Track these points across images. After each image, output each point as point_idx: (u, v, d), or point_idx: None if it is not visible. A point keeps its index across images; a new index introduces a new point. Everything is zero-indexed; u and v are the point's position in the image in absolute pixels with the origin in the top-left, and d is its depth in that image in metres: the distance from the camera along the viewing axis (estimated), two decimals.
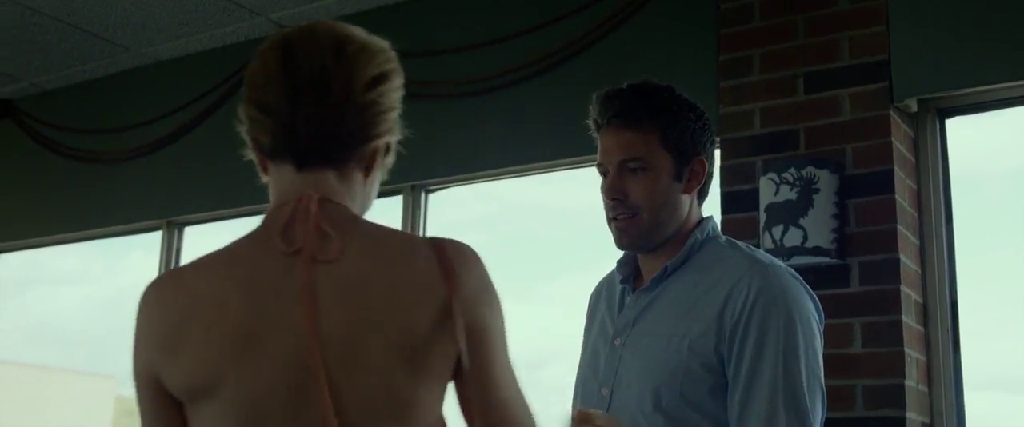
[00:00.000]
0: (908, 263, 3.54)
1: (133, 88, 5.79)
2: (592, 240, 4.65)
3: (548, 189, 4.85)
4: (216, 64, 5.41)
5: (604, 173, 2.32)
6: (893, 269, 3.47)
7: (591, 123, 2.35)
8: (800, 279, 2.23)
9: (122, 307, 6.36)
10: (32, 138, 6.14)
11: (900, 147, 3.62)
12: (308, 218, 1.61)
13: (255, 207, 4.84)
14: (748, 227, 3.69)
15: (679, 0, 4.28)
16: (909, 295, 3.51)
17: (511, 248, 5.27)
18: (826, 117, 3.69)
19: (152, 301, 1.62)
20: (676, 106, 2.30)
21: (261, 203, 1.72)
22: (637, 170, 2.26)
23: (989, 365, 3.70)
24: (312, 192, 1.64)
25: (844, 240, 3.55)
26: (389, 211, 4.86)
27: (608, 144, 2.30)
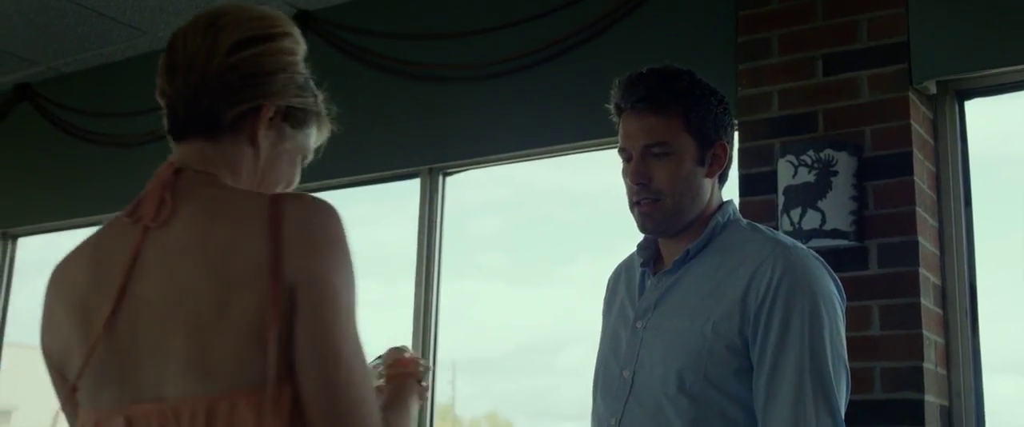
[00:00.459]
0: (927, 245, 3.53)
1: (150, 71, 5.71)
2: (609, 223, 4.66)
3: (566, 172, 4.85)
4: None
5: (627, 158, 2.31)
6: (912, 251, 3.46)
7: (612, 107, 2.35)
8: (822, 261, 2.23)
9: None
10: (50, 122, 6.16)
11: (919, 129, 3.61)
12: (155, 187, 1.64)
13: None
14: (766, 210, 3.68)
15: None
16: (927, 277, 3.50)
17: (528, 231, 5.28)
18: (845, 99, 3.68)
19: (46, 286, 1.72)
20: (698, 90, 2.30)
21: None
22: (660, 155, 2.26)
23: (1008, 347, 3.69)
24: (173, 161, 1.68)
25: (862, 222, 3.54)
26: (407, 194, 4.87)
27: (631, 129, 2.30)
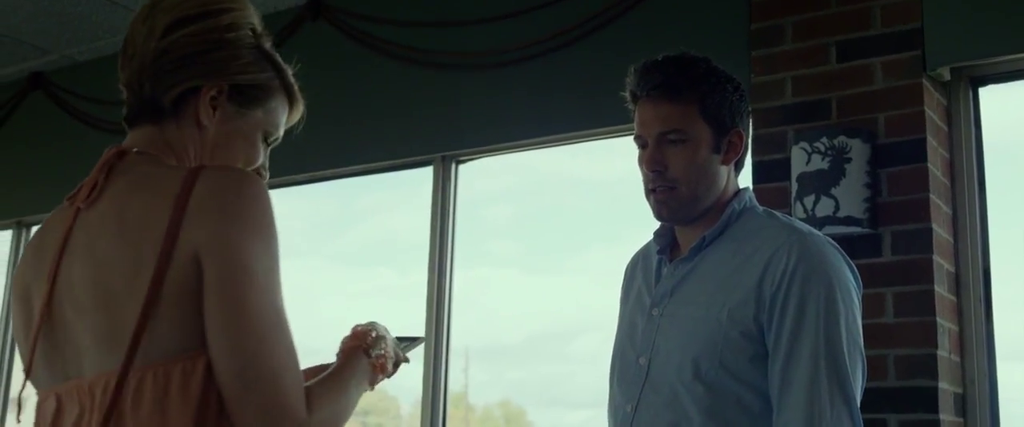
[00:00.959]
0: (940, 232, 3.52)
1: None
2: (622, 211, 4.66)
3: (578, 160, 4.84)
4: None
5: (642, 145, 2.32)
6: (925, 238, 3.46)
7: (628, 95, 2.35)
8: (838, 248, 2.23)
9: None
10: (64, 110, 6.18)
11: (933, 116, 3.60)
12: (95, 170, 1.66)
13: (284, 178, 4.86)
14: (779, 197, 3.68)
15: None
16: (941, 264, 3.49)
17: (541, 219, 5.27)
18: (858, 86, 3.67)
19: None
20: (714, 77, 2.30)
21: (287, 174, 1.74)
22: (676, 142, 2.26)
23: (1022, 335, 3.68)
24: (115, 146, 1.69)
25: (876, 209, 3.53)
26: (420, 182, 4.87)
27: (646, 116, 2.30)
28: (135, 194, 1.58)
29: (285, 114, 1.81)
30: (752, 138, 3.78)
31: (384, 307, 5.30)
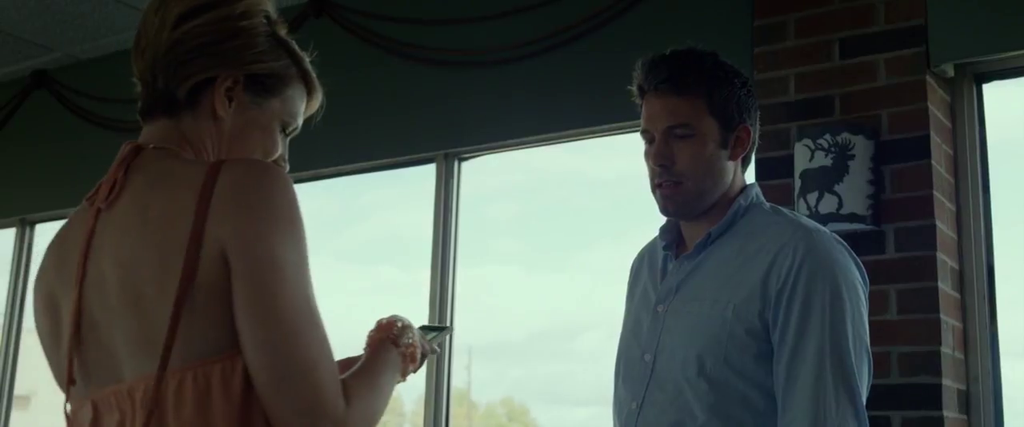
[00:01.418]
0: (944, 229, 3.51)
1: None
2: (625, 209, 4.65)
3: (581, 157, 4.84)
4: None
5: (649, 140, 2.30)
6: (929, 235, 3.45)
7: (634, 89, 2.33)
8: (845, 244, 2.22)
9: None
10: (67, 108, 6.18)
11: (936, 112, 3.59)
12: (112, 168, 1.63)
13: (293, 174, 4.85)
14: (783, 194, 3.67)
15: None
16: (945, 261, 3.49)
17: (544, 217, 5.27)
18: (862, 82, 3.66)
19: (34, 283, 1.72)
20: (722, 72, 2.29)
21: (289, 171, 1.72)
22: (683, 137, 2.24)
23: None
24: (131, 142, 1.66)
25: (879, 206, 3.52)
26: (423, 180, 4.87)
27: (654, 110, 2.28)
28: (157, 190, 1.55)
29: (303, 103, 1.77)
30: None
31: (387, 305, 5.29)
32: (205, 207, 1.47)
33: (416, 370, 1.80)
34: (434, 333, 1.93)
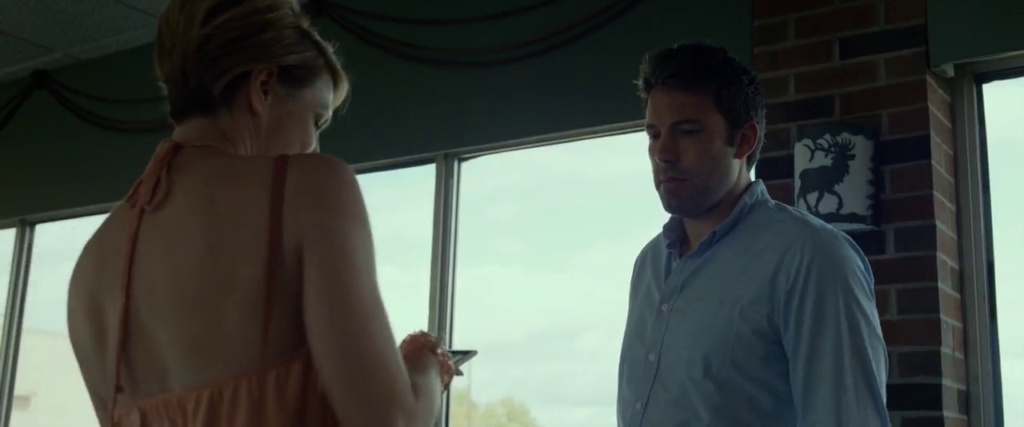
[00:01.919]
0: (944, 229, 3.51)
1: None
2: (626, 208, 4.65)
3: (581, 157, 4.84)
4: None
5: (655, 135, 2.27)
6: (929, 235, 3.45)
7: (641, 83, 2.30)
8: (850, 240, 2.21)
9: None
10: (67, 108, 6.18)
11: (936, 112, 3.59)
12: (152, 167, 1.60)
13: None
14: (783, 194, 3.67)
15: None
16: (945, 261, 3.49)
17: (544, 217, 5.27)
18: (862, 82, 3.66)
19: (69, 282, 1.68)
20: (731, 69, 2.26)
21: None
22: (689, 132, 2.21)
23: None
24: (168, 141, 1.63)
25: (880, 206, 3.52)
26: (423, 180, 4.87)
27: (660, 105, 2.25)
28: (220, 190, 1.50)
29: (331, 93, 1.77)
30: None
31: (386, 305, 5.30)
32: (279, 204, 1.45)
33: (445, 386, 1.79)
34: (460, 356, 1.93)
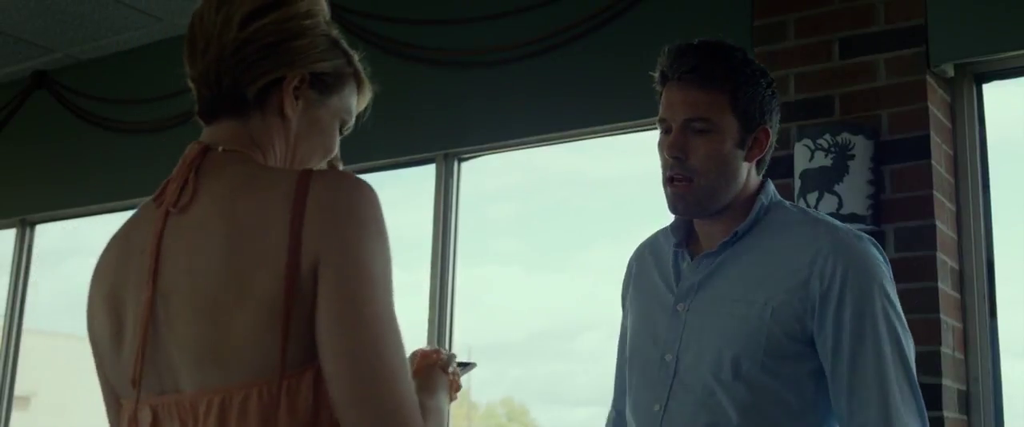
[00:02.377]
0: (944, 229, 3.51)
1: (167, 58, 5.78)
2: (625, 209, 4.65)
3: (581, 157, 4.84)
4: None
5: (666, 130, 2.23)
6: (929, 235, 3.45)
7: (657, 76, 2.26)
8: (871, 238, 2.20)
9: None
10: (67, 109, 6.18)
11: (936, 112, 3.59)
12: (180, 169, 1.61)
13: None
14: (783, 194, 3.62)
15: None
16: (945, 261, 3.49)
17: (544, 217, 5.27)
18: (861, 82, 3.66)
19: (91, 276, 1.69)
20: (749, 69, 2.22)
21: None
22: (701, 131, 2.17)
23: None
24: (201, 141, 1.64)
25: (879, 206, 3.52)
26: (422, 180, 4.87)
27: (674, 99, 2.21)
28: (241, 199, 1.52)
29: (355, 100, 1.79)
30: None
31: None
32: (300, 218, 1.47)
33: (451, 402, 1.80)
34: (462, 367, 1.93)
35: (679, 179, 2.20)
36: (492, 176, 5.11)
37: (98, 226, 6.43)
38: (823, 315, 2.10)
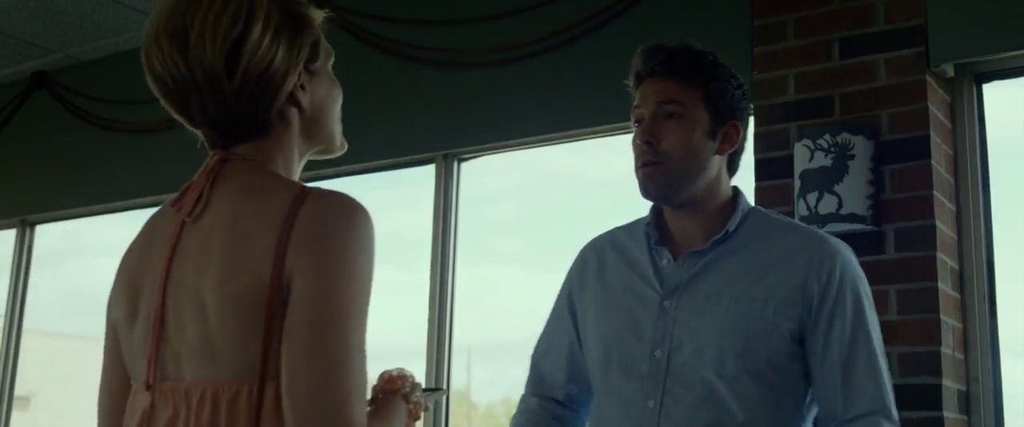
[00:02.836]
0: (944, 229, 3.51)
1: None
2: (625, 209, 4.63)
3: (581, 158, 4.84)
4: None
5: (638, 120, 2.31)
6: (929, 235, 3.45)
7: (631, 77, 2.34)
8: (849, 248, 2.33)
9: None
10: (67, 109, 6.18)
11: (936, 112, 3.59)
12: (199, 178, 1.66)
13: None
14: (782, 194, 3.67)
15: None
16: (945, 262, 3.48)
17: (544, 217, 5.27)
18: (861, 82, 3.66)
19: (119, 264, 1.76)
20: (720, 68, 2.32)
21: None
22: (673, 116, 2.26)
23: None
24: (219, 151, 1.69)
25: (879, 206, 3.52)
26: (422, 180, 4.87)
27: (648, 91, 2.30)
28: (245, 207, 1.58)
29: (318, 26, 1.79)
30: (754, 135, 3.79)
31: (387, 305, 5.30)
32: (287, 232, 1.51)
33: None
34: (429, 393, 1.95)
35: (651, 163, 2.26)
36: (492, 176, 5.12)
37: (98, 226, 6.43)
38: (819, 314, 2.21)
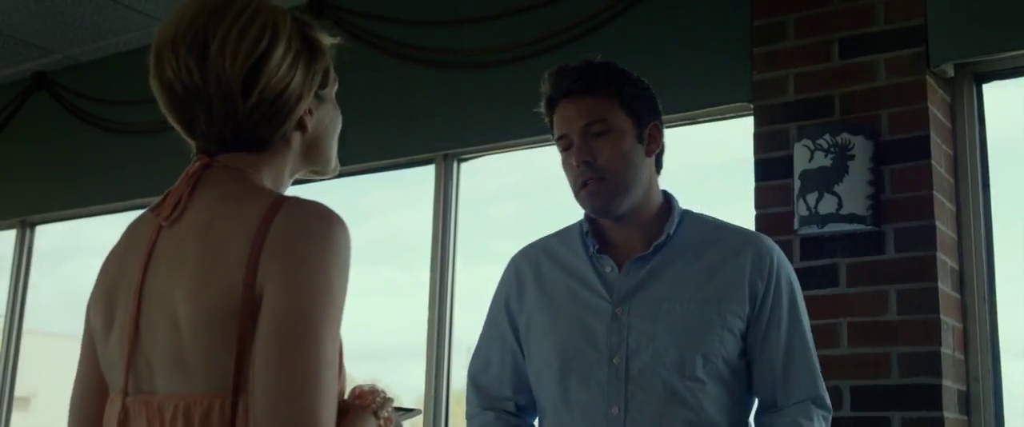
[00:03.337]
0: (944, 230, 3.51)
1: None
2: None
3: None
4: None
5: (566, 146, 2.37)
6: (929, 236, 3.45)
7: (544, 103, 2.42)
8: None
9: None
10: (67, 110, 6.18)
11: (936, 112, 3.59)
12: (180, 183, 1.65)
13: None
14: (782, 194, 3.67)
15: None
16: (945, 262, 3.48)
17: (543, 217, 5.26)
18: (861, 83, 3.66)
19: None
20: (627, 75, 2.39)
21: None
22: (601, 133, 2.32)
23: None
24: (201, 157, 1.68)
25: (879, 207, 3.52)
26: (422, 181, 4.87)
27: (568, 113, 2.36)
28: (219, 216, 1.57)
29: (329, 54, 1.81)
30: (754, 135, 3.79)
31: (387, 305, 5.30)
32: (260, 242, 1.49)
33: None
34: (403, 413, 1.93)
35: (592, 179, 2.31)
36: (492, 176, 5.11)
37: (98, 226, 6.43)
38: (762, 308, 2.30)
